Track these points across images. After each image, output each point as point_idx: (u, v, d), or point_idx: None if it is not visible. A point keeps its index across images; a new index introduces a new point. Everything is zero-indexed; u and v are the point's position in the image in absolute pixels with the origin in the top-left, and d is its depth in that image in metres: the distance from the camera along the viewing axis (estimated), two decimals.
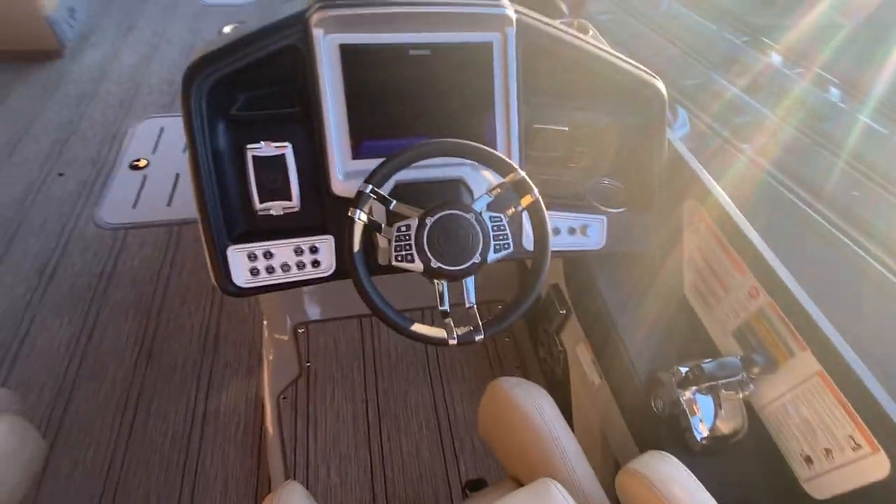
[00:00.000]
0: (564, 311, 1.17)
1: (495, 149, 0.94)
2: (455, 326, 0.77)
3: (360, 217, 0.76)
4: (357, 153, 0.91)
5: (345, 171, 0.89)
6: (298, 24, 0.84)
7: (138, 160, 2.10)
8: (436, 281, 0.79)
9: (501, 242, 0.79)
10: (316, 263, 0.92)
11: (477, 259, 0.76)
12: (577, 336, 1.15)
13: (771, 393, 0.84)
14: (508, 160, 0.80)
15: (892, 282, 1.09)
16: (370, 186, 0.76)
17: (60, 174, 2.01)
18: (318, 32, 0.83)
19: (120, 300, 1.62)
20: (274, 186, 0.89)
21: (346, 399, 1.40)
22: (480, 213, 0.78)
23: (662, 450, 0.72)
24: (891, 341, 0.90)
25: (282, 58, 0.85)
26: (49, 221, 1.83)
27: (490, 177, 0.94)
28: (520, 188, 0.80)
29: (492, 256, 0.78)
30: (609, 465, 1.08)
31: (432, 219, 0.76)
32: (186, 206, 1.93)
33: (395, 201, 0.78)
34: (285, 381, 1.40)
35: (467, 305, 0.79)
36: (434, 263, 0.75)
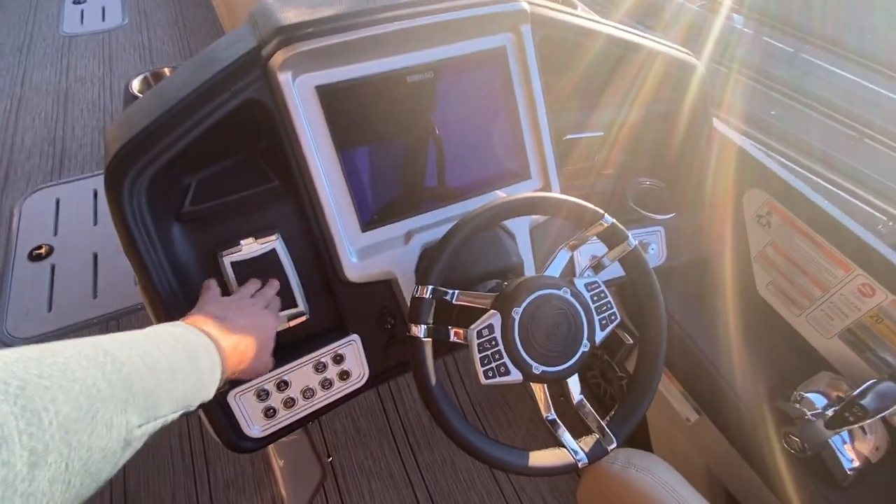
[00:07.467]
0: (633, 342, 1.02)
1: (528, 171, 0.77)
2: (574, 438, 0.60)
3: (426, 334, 0.55)
4: (367, 223, 0.69)
5: (357, 250, 0.69)
6: (254, 70, 0.60)
7: (39, 247, 1.68)
8: (533, 385, 0.60)
9: (607, 314, 0.60)
10: (344, 375, 0.71)
11: (585, 347, 0.58)
12: None
13: None
14: (594, 207, 0.61)
15: None
16: (430, 288, 0.55)
17: None
18: (284, 77, 0.60)
19: None
20: None
21: (388, 488, 1.18)
22: (575, 286, 0.59)
23: (808, 490, 0.60)
24: None
25: (237, 118, 0.60)
26: None
27: (534, 217, 0.76)
28: (610, 238, 0.62)
29: (599, 336, 0.60)
30: None
31: (519, 310, 0.56)
32: (118, 290, 1.57)
33: (456, 292, 0.58)
34: (309, 487, 1.16)
35: (575, 401, 0.62)
36: (537, 369, 0.56)
